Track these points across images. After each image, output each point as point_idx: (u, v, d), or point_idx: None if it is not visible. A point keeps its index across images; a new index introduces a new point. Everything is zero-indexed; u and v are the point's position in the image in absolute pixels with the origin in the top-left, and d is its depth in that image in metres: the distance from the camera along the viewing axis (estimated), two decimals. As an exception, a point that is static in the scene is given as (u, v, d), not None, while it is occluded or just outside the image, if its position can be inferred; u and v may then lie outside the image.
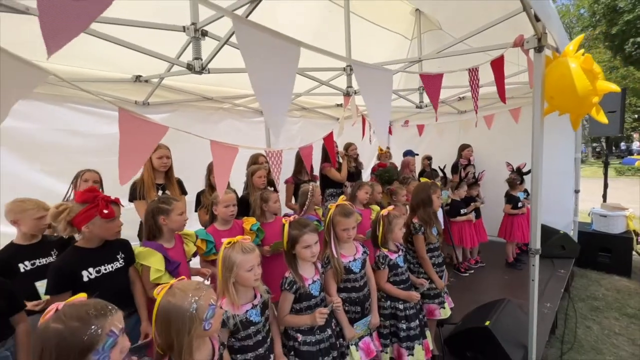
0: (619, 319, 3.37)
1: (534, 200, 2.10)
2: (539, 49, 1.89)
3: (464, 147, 4.98)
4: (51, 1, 0.60)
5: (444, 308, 2.15)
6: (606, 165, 5.06)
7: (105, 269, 1.67)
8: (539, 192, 2.07)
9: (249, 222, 2.24)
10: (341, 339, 1.68)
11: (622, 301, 3.73)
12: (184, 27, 1.90)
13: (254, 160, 3.06)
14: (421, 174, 4.62)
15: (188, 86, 3.35)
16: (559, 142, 4.56)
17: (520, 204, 4.08)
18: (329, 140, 2.52)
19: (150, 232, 1.87)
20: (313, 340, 1.55)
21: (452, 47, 2.35)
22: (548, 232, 4.52)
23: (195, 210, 2.84)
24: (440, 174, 4.20)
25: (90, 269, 1.60)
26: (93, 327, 0.87)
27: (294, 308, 1.60)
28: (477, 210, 4.20)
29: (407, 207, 2.98)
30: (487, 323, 2.18)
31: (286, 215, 1.89)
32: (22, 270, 1.76)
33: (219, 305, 1.29)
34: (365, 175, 4.76)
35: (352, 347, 1.74)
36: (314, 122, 4.83)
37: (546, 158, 4.88)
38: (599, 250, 4.50)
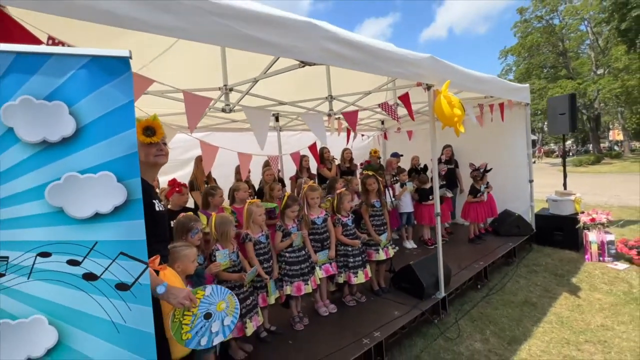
0: (546, 277, 4.32)
1: (435, 188, 3.29)
2: (428, 88, 3.12)
3: (445, 147, 6.17)
4: (192, 112, 1.99)
5: (378, 253, 3.37)
6: (564, 159, 5.94)
7: (182, 223, 3.10)
8: (437, 183, 3.28)
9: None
10: (310, 259, 2.98)
11: (559, 267, 4.64)
12: (219, 87, 3.31)
13: (266, 163, 4.44)
14: (410, 172, 5.85)
15: (220, 113, 4.83)
16: (515, 143, 5.59)
17: (479, 194, 5.12)
18: (312, 148, 3.83)
19: (204, 204, 3.30)
20: (294, 255, 2.87)
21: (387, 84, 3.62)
22: (507, 215, 5.52)
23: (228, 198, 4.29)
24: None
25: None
26: (192, 222, 2.27)
27: (282, 240, 2.92)
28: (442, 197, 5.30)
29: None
30: (411, 262, 3.38)
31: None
32: None
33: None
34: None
35: (317, 268, 3.04)
36: (309, 134, 6.18)
37: (505, 155, 5.93)
38: (554, 229, 5.39)
